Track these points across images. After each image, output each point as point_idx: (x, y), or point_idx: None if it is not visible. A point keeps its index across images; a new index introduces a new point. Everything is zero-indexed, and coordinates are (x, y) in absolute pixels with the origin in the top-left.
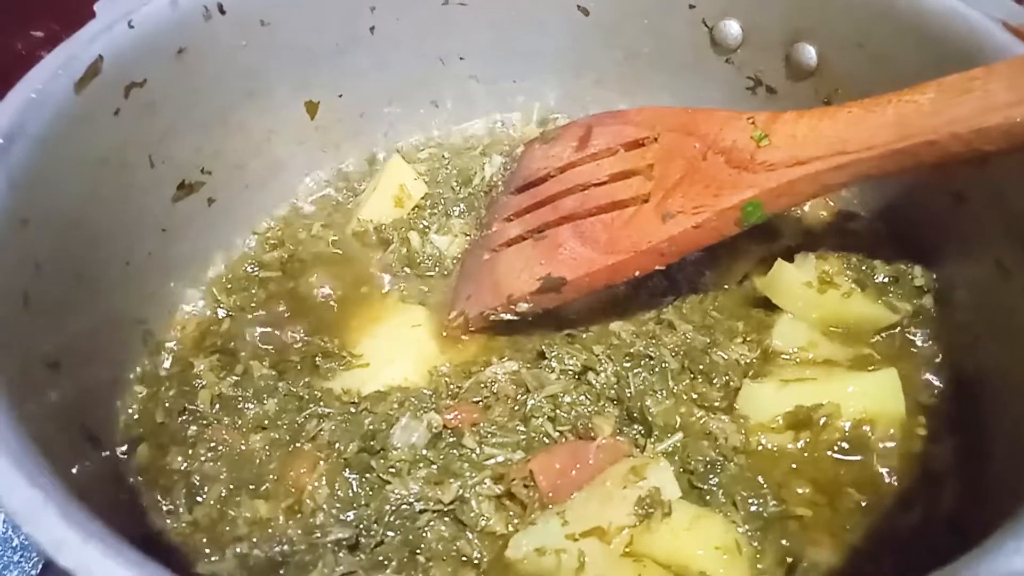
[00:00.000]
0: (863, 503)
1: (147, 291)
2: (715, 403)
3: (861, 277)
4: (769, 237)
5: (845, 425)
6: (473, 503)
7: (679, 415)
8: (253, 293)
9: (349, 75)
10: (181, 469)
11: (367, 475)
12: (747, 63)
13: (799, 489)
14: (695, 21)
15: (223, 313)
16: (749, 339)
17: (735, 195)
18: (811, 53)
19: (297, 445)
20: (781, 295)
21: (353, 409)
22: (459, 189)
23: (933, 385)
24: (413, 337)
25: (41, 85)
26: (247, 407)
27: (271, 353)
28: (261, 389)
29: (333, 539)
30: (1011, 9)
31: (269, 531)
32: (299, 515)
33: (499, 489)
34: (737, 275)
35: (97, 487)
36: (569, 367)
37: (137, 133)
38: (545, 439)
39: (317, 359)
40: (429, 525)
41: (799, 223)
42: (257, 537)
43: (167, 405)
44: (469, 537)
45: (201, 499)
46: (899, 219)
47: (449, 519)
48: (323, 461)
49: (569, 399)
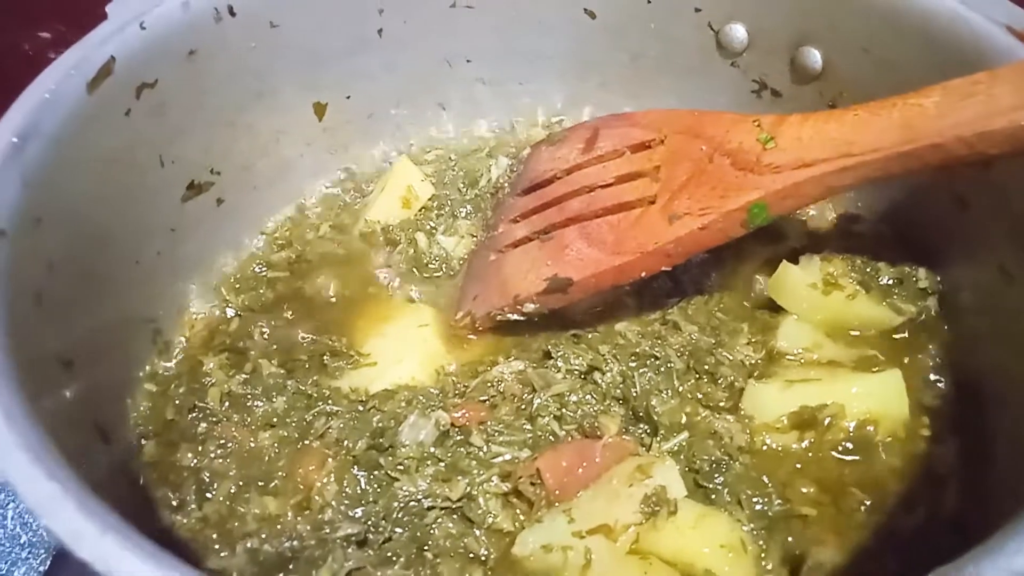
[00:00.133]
0: (867, 502)
1: (156, 290)
2: (720, 403)
3: (865, 279)
4: (774, 239)
5: (849, 425)
6: (480, 500)
7: (684, 415)
8: (261, 293)
9: (357, 77)
10: (191, 466)
11: (375, 472)
12: (752, 66)
13: (803, 489)
14: (701, 25)
15: (231, 312)
16: (754, 340)
17: (741, 197)
18: (816, 57)
19: (306, 442)
20: (786, 297)
21: (361, 407)
22: (466, 191)
23: (937, 387)
24: (420, 337)
25: (55, 85)
26: (256, 405)
27: (279, 352)
28: (270, 387)
29: (342, 535)
30: (1015, 14)
31: (278, 527)
32: (308, 512)
33: (506, 487)
34: (742, 276)
35: (108, 483)
36: (575, 367)
37: (148, 133)
38: (551, 438)
39: (325, 358)
40: (437, 522)
41: (804, 226)
42: (266, 533)
43: (177, 403)
44: (476, 534)
45: (211, 495)
46: (903, 222)
47: (457, 516)
48: (332, 458)
49: (575, 398)
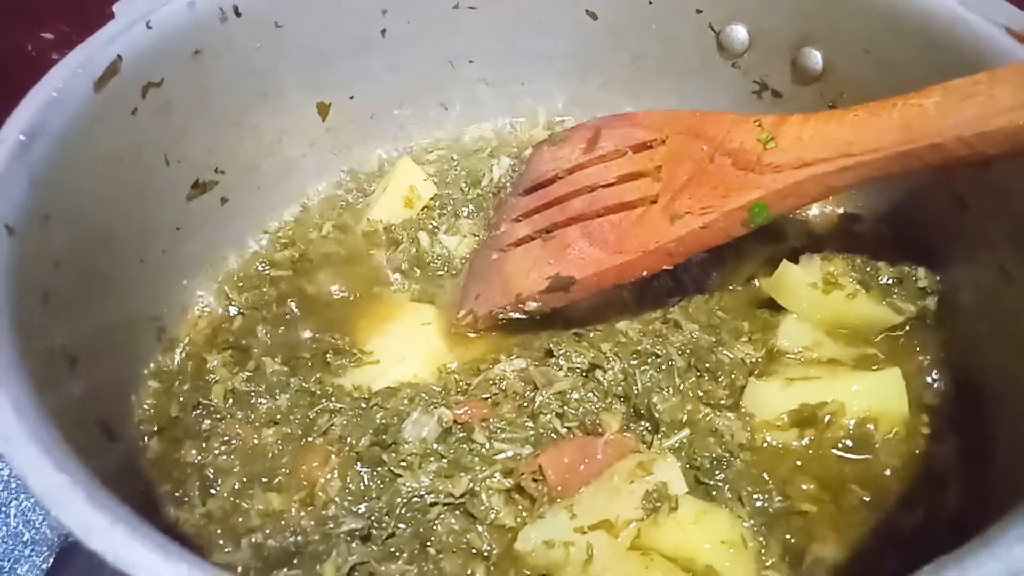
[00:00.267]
0: (867, 499)
1: (161, 289)
2: (721, 401)
3: (865, 278)
4: (775, 239)
5: (849, 423)
6: (483, 496)
7: (685, 412)
8: (264, 291)
9: (360, 77)
10: (195, 462)
11: (378, 469)
12: (753, 67)
13: (803, 486)
14: (702, 26)
15: (235, 311)
16: (754, 338)
17: (742, 196)
18: (817, 58)
19: (309, 439)
20: (786, 296)
21: (364, 404)
22: (468, 190)
23: (936, 386)
24: (422, 335)
25: (62, 84)
26: (260, 402)
27: (282, 350)
28: (273, 384)
29: (346, 529)
30: (1014, 15)
31: (282, 523)
32: (311, 507)
33: (509, 483)
34: (743, 276)
35: (113, 479)
36: (577, 365)
37: (153, 132)
38: (553, 435)
39: (328, 356)
40: (440, 518)
41: (804, 225)
42: (270, 528)
43: (181, 400)
44: (479, 530)
45: (215, 491)
46: (903, 222)
47: (459, 512)
48: (335, 455)
49: (577, 396)
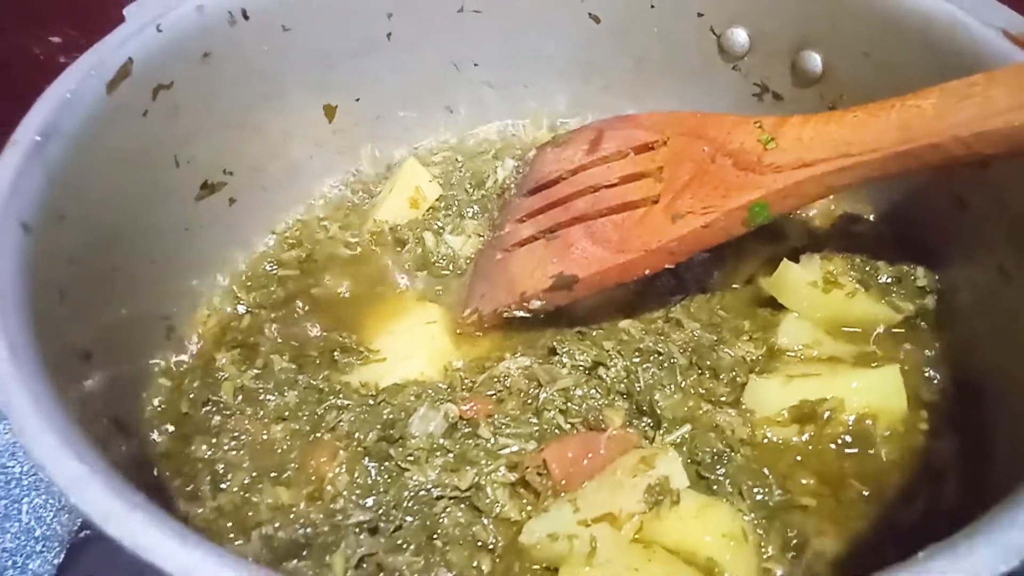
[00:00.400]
0: (866, 494)
1: (171, 288)
2: (722, 398)
3: (865, 277)
4: (775, 238)
5: (849, 419)
6: (488, 490)
7: (687, 408)
8: (272, 290)
9: (366, 79)
10: (205, 457)
11: (386, 463)
12: (754, 70)
13: (803, 480)
14: (703, 29)
15: (243, 309)
16: (755, 337)
17: (743, 196)
18: (817, 60)
19: (317, 435)
20: (787, 294)
21: (371, 401)
22: (472, 191)
23: (935, 383)
24: (428, 333)
25: (75, 85)
26: (268, 399)
27: (290, 348)
28: (282, 382)
29: (354, 521)
30: (1012, 18)
31: (291, 516)
32: (320, 501)
33: (513, 477)
34: (744, 275)
35: (125, 473)
36: (580, 362)
37: (163, 134)
38: (557, 431)
39: (335, 354)
40: (446, 511)
41: (804, 225)
42: (280, 522)
43: (191, 396)
44: (484, 523)
45: (225, 486)
46: (902, 222)
47: (465, 505)
48: (343, 450)
49: (580, 393)
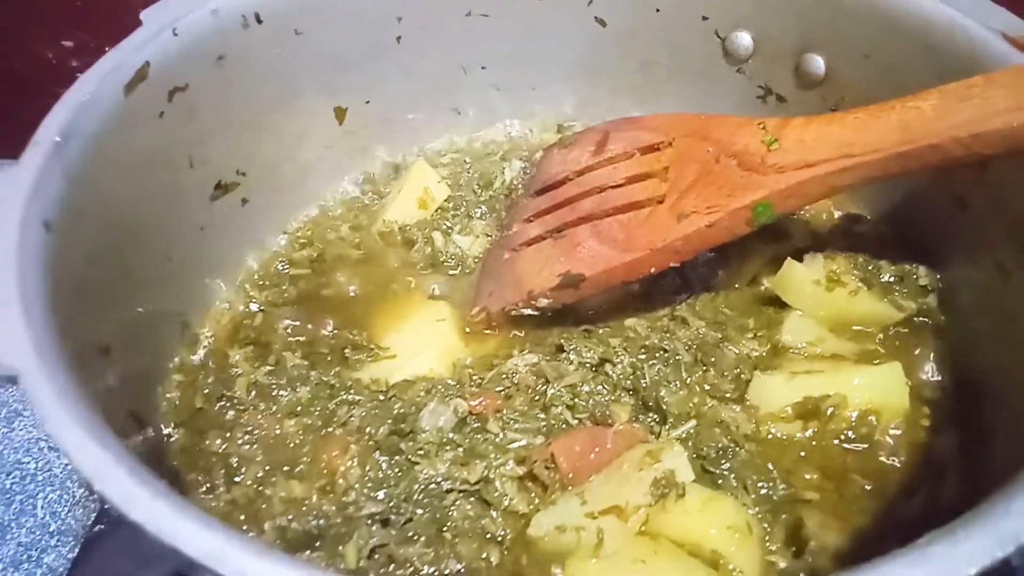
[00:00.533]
0: (868, 488)
1: (185, 286)
2: (727, 394)
3: (867, 276)
4: (779, 238)
5: (851, 415)
6: (497, 483)
7: (692, 404)
8: (284, 289)
9: (376, 82)
10: (219, 451)
11: (396, 457)
12: (758, 73)
13: (807, 475)
14: (708, 33)
15: (256, 308)
16: (759, 334)
17: (746, 196)
18: (820, 63)
19: (329, 430)
20: (790, 292)
21: (382, 396)
22: (480, 192)
23: (936, 381)
24: (437, 331)
25: (94, 87)
26: (281, 394)
27: (302, 345)
28: (294, 378)
29: (367, 513)
30: (1011, 21)
31: (304, 508)
32: (332, 494)
33: (522, 471)
34: (748, 275)
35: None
36: (587, 359)
37: (179, 135)
38: (564, 426)
39: (346, 351)
40: (456, 504)
41: (807, 225)
42: (293, 514)
43: (205, 392)
44: (493, 515)
45: (239, 479)
46: (904, 222)
47: (474, 498)
48: (354, 444)
49: (587, 389)
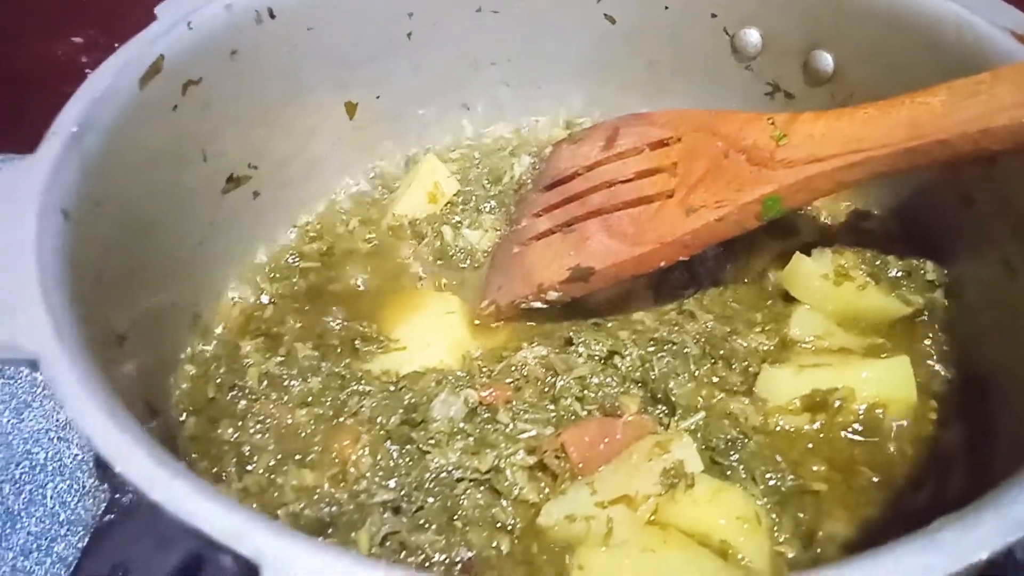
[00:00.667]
0: (875, 480)
1: (198, 277)
2: (735, 386)
3: (875, 271)
4: (787, 233)
5: (859, 408)
6: (508, 473)
7: (701, 397)
8: (294, 282)
9: (386, 78)
10: (231, 440)
11: (408, 446)
12: (766, 70)
13: (815, 467)
14: (716, 30)
15: (267, 300)
16: (768, 328)
17: (755, 190)
18: (828, 60)
19: (340, 420)
20: (799, 287)
21: (392, 388)
22: (490, 187)
23: (943, 375)
24: (447, 324)
25: (109, 80)
26: (292, 384)
27: (312, 337)
28: (305, 368)
29: (379, 500)
30: (1018, 19)
31: (315, 497)
32: (343, 483)
33: (532, 460)
34: (755, 270)
35: None
36: (596, 352)
37: (192, 128)
38: (573, 417)
39: (356, 343)
40: (466, 493)
41: (815, 221)
42: (305, 502)
43: (217, 382)
44: (503, 505)
45: (251, 468)
46: (911, 218)
47: (485, 488)
48: (365, 434)
49: (596, 380)
